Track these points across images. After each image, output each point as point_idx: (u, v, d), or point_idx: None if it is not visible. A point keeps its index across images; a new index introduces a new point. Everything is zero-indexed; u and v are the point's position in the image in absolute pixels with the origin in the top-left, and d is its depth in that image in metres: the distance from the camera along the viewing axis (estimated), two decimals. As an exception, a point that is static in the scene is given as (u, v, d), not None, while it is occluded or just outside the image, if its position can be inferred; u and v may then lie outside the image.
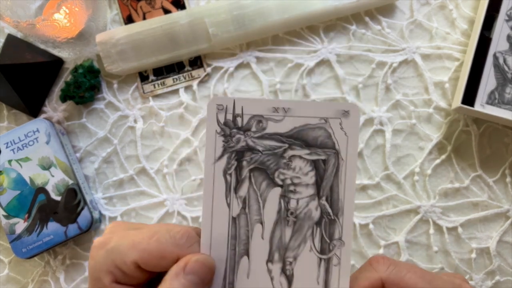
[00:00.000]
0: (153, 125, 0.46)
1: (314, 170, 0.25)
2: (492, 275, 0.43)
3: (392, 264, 0.24)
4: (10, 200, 0.42)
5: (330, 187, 0.25)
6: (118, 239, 0.25)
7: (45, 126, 0.43)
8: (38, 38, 0.41)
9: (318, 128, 0.25)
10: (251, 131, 0.25)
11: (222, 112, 0.24)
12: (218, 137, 0.25)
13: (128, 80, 0.46)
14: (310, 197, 0.25)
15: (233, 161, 0.25)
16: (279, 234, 0.25)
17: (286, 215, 0.25)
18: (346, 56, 0.45)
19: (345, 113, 0.24)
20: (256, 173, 0.25)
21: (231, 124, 0.25)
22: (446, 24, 0.45)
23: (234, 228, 0.25)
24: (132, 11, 0.47)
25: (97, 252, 0.25)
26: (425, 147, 0.44)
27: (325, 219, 0.25)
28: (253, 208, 0.25)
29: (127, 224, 0.27)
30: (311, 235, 0.25)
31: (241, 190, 0.25)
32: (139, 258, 0.24)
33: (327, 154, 0.25)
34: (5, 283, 0.45)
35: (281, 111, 0.25)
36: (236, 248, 0.25)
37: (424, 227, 0.43)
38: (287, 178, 0.25)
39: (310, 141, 0.25)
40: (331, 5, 0.44)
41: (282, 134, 0.25)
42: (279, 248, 0.25)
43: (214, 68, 0.46)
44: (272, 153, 0.25)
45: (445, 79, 0.44)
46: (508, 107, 0.41)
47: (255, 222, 0.25)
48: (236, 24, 0.44)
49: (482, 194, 0.43)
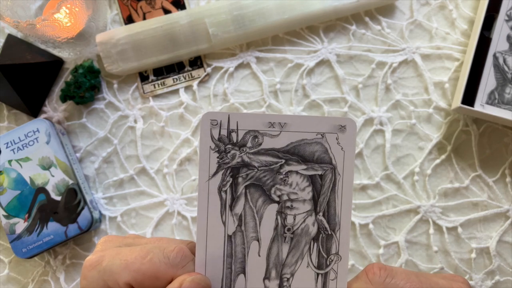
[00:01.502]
0: (153, 125, 0.46)
1: (311, 185, 0.24)
2: (492, 275, 0.43)
3: (389, 276, 0.24)
4: (10, 200, 0.43)
5: (327, 202, 0.24)
6: (111, 258, 0.24)
7: (45, 126, 0.43)
8: (38, 38, 0.41)
9: (314, 143, 0.24)
10: (246, 146, 0.24)
11: (217, 127, 0.24)
12: (212, 153, 0.24)
13: (128, 80, 0.46)
14: (307, 213, 0.24)
15: (228, 178, 0.24)
16: (276, 250, 0.24)
17: (283, 231, 0.24)
18: (346, 56, 0.45)
19: (341, 128, 0.24)
20: (252, 189, 0.24)
21: (226, 140, 0.24)
22: (446, 24, 0.45)
23: (230, 247, 0.24)
24: (132, 11, 0.47)
25: (89, 272, 0.24)
26: (425, 147, 0.44)
27: (322, 234, 0.24)
28: (249, 225, 0.24)
29: (119, 239, 0.26)
30: (308, 251, 0.24)
31: (237, 207, 0.24)
32: (132, 279, 0.23)
33: (324, 169, 0.24)
34: (5, 283, 0.45)
35: (277, 126, 0.24)
36: (232, 266, 0.24)
37: (424, 227, 0.43)
38: (283, 194, 0.24)
39: (306, 156, 0.24)
40: (331, 5, 0.44)
41: (278, 149, 0.24)
42: (276, 265, 0.24)
43: (214, 68, 0.46)
44: (268, 169, 0.24)
45: (445, 79, 0.44)
46: (508, 107, 0.41)
47: (251, 240, 0.24)
48: (236, 25, 0.44)
49: (482, 194, 0.43)
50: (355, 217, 0.43)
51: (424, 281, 0.23)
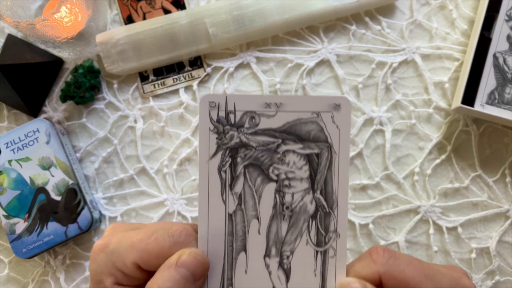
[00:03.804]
0: (153, 125, 0.46)
1: (307, 164, 0.25)
2: (492, 275, 0.43)
3: (392, 257, 0.24)
4: (10, 200, 0.43)
5: (324, 180, 0.25)
6: (118, 241, 0.25)
7: (45, 126, 0.43)
8: (38, 38, 0.41)
9: (310, 122, 0.25)
10: (244, 127, 0.25)
11: (215, 109, 0.25)
12: (212, 134, 0.25)
13: (128, 80, 0.46)
14: (304, 191, 0.25)
15: (227, 158, 0.25)
16: (275, 228, 0.25)
17: (282, 209, 0.25)
18: (346, 56, 0.45)
19: (336, 106, 0.25)
20: (250, 169, 0.25)
21: (224, 121, 0.25)
22: (446, 24, 0.45)
23: (230, 225, 0.25)
24: (132, 11, 0.47)
25: (98, 255, 0.25)
26: (425, 147, 0.44)
27: (320, 212, 0.25)
28: (249, 204, 0.25)
29: (126, 225, 0.27)
30: (307, 229, 0.25)
31: (237, 187, 0.25)
32: (139, 258, 0.24)
33: (320, 147, 0.25)
34: (5, 283, 0.45)
35: (273, 107, 0.25)
36: (234, 244, 0.25)
37: (424, 227, 0.43)
38: (281, 173, 0.25)
39: (303, 136, 0.25)
40: (331, 5, 0.44)
41: (275, 129, 0.25)
42: (276, 242, 0.25)
43: (214, 68, 0.46)
44: (265, 148, 0.25)
45: (445, 79, 0.44)
46: (508, 107, 0.41)
47: (251, 218, 0.25)
48: (236, 25, 0.44)
49: (482, 194, 0.43)
50: (355, 217, 0.43)
51: (426, 266, 0.24)
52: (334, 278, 0.25)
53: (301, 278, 0.25)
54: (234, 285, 0.25)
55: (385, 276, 0.23)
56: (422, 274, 0.23)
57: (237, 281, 0.25)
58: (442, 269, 0.24)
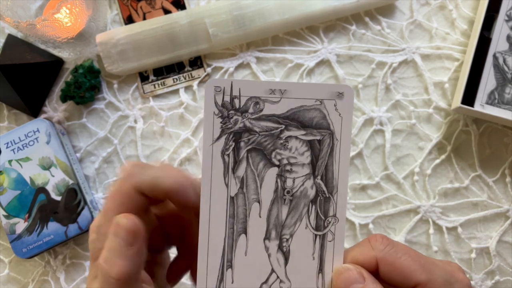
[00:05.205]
0: (153, 125, 0.46)
1: (309, 150, 0.25)
2: (491, 275, 0.43)
3: (390, 244, 0.24)
4: (11, 200, 0.43)
5: (325, 166, 0.25)
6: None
7: (45, 126, 0.43)
8: (38, 38, 0.41)
9: (313, 109, 0.25)
10: (248, 112, 0.25)
11: (220, 94, 0.25)
12: (216, 118, 0.25)
13: (128, 80, 0.46)
14: (305, 176, 0.25)
15: (231, 142, 0.25)
16: (276, 212, 0.25)
17: (283, 194, 0.25)
18: (346, 56, 0.45)
19: (339, 94, 0.25)
20: (253, 153, 0.25)
21: (229, 106, 0.25)
22: (446, 24, 0.45)
23: (232, 207, 0.25)
24: (132, 11, 0.47)
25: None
26: (425, 147, 0.44)
27: (320, 197, 0.25)
28: (250, 187, 0.25)
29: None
30: (306, 213, 0.25)
31: (239, 170, 0.25)
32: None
33: (322, 134, 0.25)
34: (6, 283, 0.45)
35: (278, 93, 0.25)
36: (234, 226, 0.25)
37: (424, 227, 0.43)
38: (283, 158, 0.25)
39: (306, 122, 0.25)
40: (331, 5, 0.44)
41: (278, 115, 0.25)
42: (276, 226, 0.25)
43: (214, 68, 0.46)
44: (269, 134, 0.25)
45: (445, 79, 0.44)
46: (507, 107, 0.41)
47: (252, 201, 0.25)
48: (236, 25, 0.44)
49: (482, 194, 0.43)
50: (355, 217, 0.44)
51: (422, 257, 0.24)
52: (332, 261, 0.25)
53: (300, 261, 0.25)
54: (234, 266, 0.25)
55: (381, 262, 0.24)
56: (417, 263, 0.23)
57: (237, 263, 0.25)
58: (437, 262, 0.25)
